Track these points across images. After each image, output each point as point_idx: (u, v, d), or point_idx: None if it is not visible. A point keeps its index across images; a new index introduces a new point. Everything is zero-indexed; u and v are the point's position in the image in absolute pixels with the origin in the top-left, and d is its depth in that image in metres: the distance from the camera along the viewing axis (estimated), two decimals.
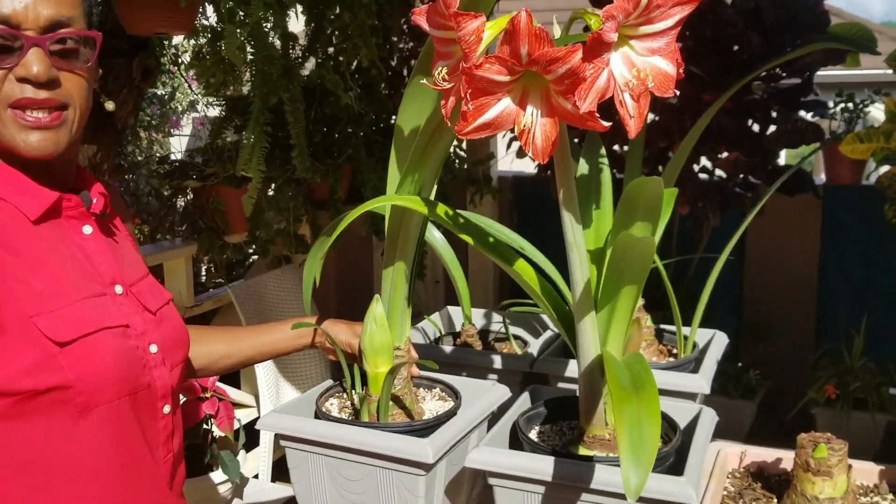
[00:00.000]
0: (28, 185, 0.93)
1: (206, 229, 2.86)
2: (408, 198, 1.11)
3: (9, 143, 0.91)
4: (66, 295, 0.91)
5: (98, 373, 0.90)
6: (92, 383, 0.90)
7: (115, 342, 0.94)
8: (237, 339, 1.30)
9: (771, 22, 3.20)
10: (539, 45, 0.78)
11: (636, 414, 0.85)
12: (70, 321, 0.90)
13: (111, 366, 0.92)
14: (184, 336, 1.07)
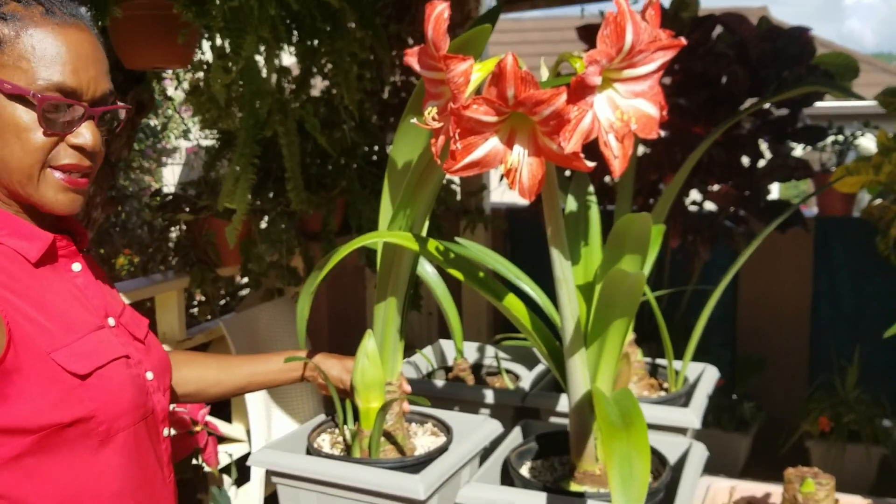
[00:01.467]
0: (24, 228, 0.95)
1: (199, 262, 2.86)
2: (400, 234, 1.12)
3: (40, 199, 0.94)
4: (75, 330, 0.94)
5: (116, 402, 0.94)
6: (111, 412, 0.94)
7: (125, 372, 0.97)
8: (229, 368, 1.31)
9: (756, 55, 3.24)
10: (525, 88, 0.80)
11: (626, 450, 0.86)
12: (84, 355, 0.93)
13: (126, 394, 0.96)
14: (168, 360, 1.11)
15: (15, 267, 0.93)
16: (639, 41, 0.82)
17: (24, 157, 0.92)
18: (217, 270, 2.85)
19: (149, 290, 2.69)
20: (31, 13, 0.92)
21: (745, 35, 3.32)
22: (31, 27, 0.91)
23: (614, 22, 0.80)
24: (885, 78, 7.94)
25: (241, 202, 2.33)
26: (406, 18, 3.14)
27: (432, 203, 1.19)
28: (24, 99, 0.91)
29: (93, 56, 0.95)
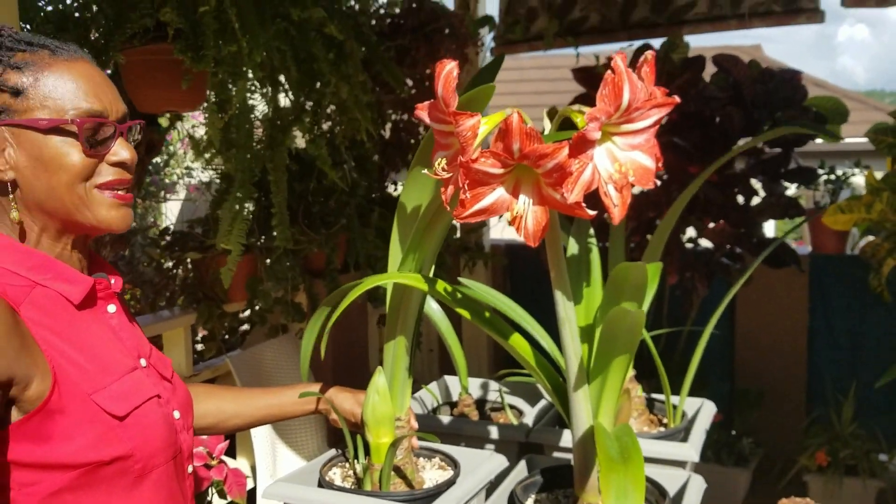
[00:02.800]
0: (66, 271, 1.00)
1: (206, 299, 2.91)
2: (410, 276, 1.17)
3: (95, 220, 1.00)
4: (112, 372, 0.99)
5: (151, 441, 0.99)
6: (147, 451, 0.98)
7: (158, 411, 1.02)
8: (245, 400, 1.35)
9: (750, 96, 3.33)
10: (529, 143, 0.86)
11: (622, 483, 0.90)
12: (122, 396, 0.98)
13: (160, 434, 1.01)
14: (190, 398, 1.16)
15: (58, 309, 0.98)
16: (635, 99, 0.89)
17: (71, 183, 0.98)
18: (223, 307, 2.90)
19: (156, 326, 2.74)
20: (39, 57, 0.99)
21: (739, 76, 3.42)
22: (45, 69, 0.98)
23: (612, 83, 0.86)
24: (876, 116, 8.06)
25: (236, 243, 2.39)
26: (406, 61, 3.22)
27: (440, 247, 1.25)
28: (60, 129, 0.97)
29: (105, 82, 1.02)
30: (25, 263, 0.98)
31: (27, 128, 0.96)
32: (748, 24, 3.55)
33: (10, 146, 0.96)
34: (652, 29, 3.67)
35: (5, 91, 0.96)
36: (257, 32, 2.06)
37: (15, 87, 0.96)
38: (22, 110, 0.96)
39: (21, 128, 0.96)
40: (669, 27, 3.60)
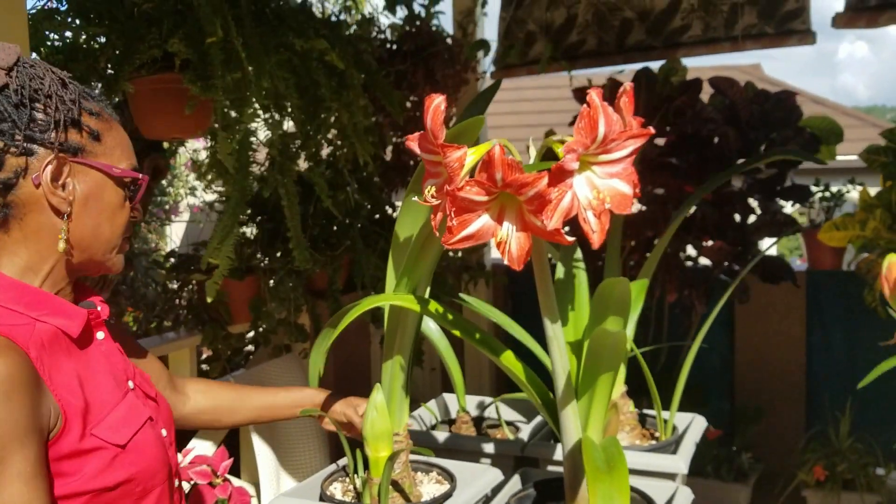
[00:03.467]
0: (62, 306, 1.03)
1: (211, 320, 2.97)
2: (404, 297, 1.23)
3: (111, 265, 1.08)
4: (109, 401, 1.03)
5: (151, 463, 1.04)
6: (148, 473, 1.03)
7: (152, 433, 1.07)
8: (243, 397, 1.41)
9: (745, 117, 3.40)
10: (511, 172, 0.92)
11: (608, 490, 0.96)
12: (121, 425, 1.02)
13: (156, 455, 1.05)
14: (172, 414, 1.21)
15: (57, 345, 1.00)
16: (611, 131, 0.94)
17: (115, 232, 1.06)
18: (228, 328, 2.96)
19: (162, 348, 2.80)
20: (100, 107, 1.06)
21: (735, 98, 3.49)
22: (111, 121, 1.06)
23: (588, 116, 0.92)
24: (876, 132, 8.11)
25: (224, 258, 2.45)
26: (404, 85, 3.30)
27: (433, 269, 1.30)
28: (121, 181, 1.05)
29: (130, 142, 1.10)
30: (22, 301, 0.99)
31: (98, 169, 1.03)
32: (741, 47, 3.62)
33: (76, 181, 1.02)
34: (647, 52, 3.74)
35: (85, 132, 1.02)
36: (263, 61, 2.13)
37: (94, 131, 1.03)
38: (96, 153, 1.03)
39: (93, 168, 1.03)
40: (665, 50, 3.66)
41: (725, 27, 3.63)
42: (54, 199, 1.00)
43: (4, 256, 1.02)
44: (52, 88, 1.00)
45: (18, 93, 0.98)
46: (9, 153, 0.97)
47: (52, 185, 0.99)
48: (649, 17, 3.66)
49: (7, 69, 0.98)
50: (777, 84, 10.18)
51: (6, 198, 0.99)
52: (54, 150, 0.99)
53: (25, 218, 1.01)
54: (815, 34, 3.49)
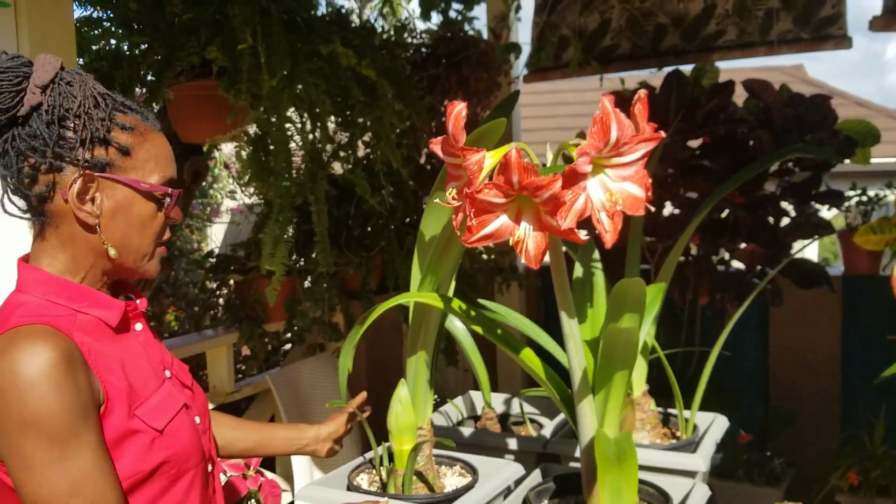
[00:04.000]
0: (101, 298, 1.11)
1: (247, 318, 3.05)
2: (427, 294, 1.28)
3: (146, 271, 1.13)
4: (148, 387, 1.10)
5: (185, 448, 1.11)
6: (182, 456, 1.10)
7: (187, 419, 1.13)
8: (243, 430, 1.47)
9: (780, 120, 3.39)
10: (527, 175, 0.96)
11: (617, 482, 0.99)
12: (159, 409, 1.09)
13: (190, 439, 1.12)
14: (207, 403, 1.27)
15: (98, 333, 1.08)
16: (623, 135, 0.98)
17: (144, 242, 1.11)
18: (264, 326, 3.04)
19: (200, 345, 2.88)
20: (138, 122, 1.11)
21: (769, 100, 3.48)
22: (146, 134, 1.10)
23: (601, 121, 0.97)
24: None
25: (279, 265, 2.52)
26: (437, 89, 3.35)
27: (456, 268, 1.35)
28: (151, 194, 1.09)
29: (171, 150, 1.15)
30: (63, 294, 1.07)
31: (125, 185, 1.08)
32: (776, 51, 3.61)
33: (103, 195, 1.07)
34: (682, 56, 3.75)
35: (114, 147, 1.07)
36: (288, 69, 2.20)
37: (123, 147, 1.07)
38: (124, 168, 1.08)
39: (120, 184, 1.08)
40: (699, 54, 3.67)
41: (761, 32, 3.62)
42: (81, 213, 1.07)
43: (45, 259, 1.10)
44: (82, 108, 1.05)
45: (50, 112, 1.04)
46: (40, 170, 1.05)
47: (79, 200, 1.06)
48: (683, 23, 3.67)
49: (42, 87, 1.04)
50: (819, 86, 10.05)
51: (42, 207, 1.07)
52: (80, 167, 1.05)
53: (60, 227, 1.08)
54: (851, 39, 3.47)
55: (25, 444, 0.97)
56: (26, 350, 0.97)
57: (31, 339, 0.98)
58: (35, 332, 0.99)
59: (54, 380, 0.97)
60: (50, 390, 0.96)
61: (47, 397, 0.96)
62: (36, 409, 0.96)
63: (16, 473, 0.98)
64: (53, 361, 0.97)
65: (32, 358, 0.96)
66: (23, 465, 0.97)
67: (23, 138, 1.04)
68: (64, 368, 0.97)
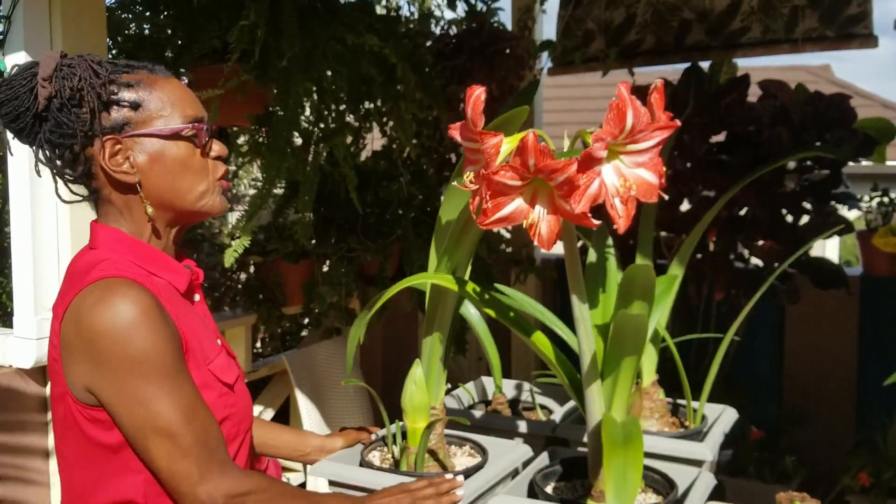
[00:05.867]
0: (170, 263, 1.18)
1: (266, 301, 3.10)
2: (442, 276, 1.31)
3: (213, 207, 1.18)
4: (213, 349, 1.17)
5: (244, 408, 1.18)
6: (241, 416, 1.17)
7: (243, 385, 1.21)
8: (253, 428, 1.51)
9: (798, 118, 3.38)
10: (543, 159, 0.99)
11: (622, 464, 1.02)
12: (225, 368, 1.16)
13: (248, 403, 1.20)
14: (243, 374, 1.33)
15: (171, 294, 1.15)
16: (638, 122, 1.00)
17: (193, 182, 1.15)
18: (282, 309, 3.08)
19: (219, 325, 2.92)
20: (144, 75, 1.16)
21: (785, 100, 3.47)
22: (154, 84, 1.15)
23: (617, 108, 0.99)
24: None
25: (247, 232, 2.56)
26: (466, 81, 3.37)
27: (472, 252, 1.38)
28: (178, 136, 1.14)
29: (192, 93, 1.19)
30: (138, 256, 1.14)
31: (148, 135, 1.13)
32: (801, 49, 3.59)
33: (133, 153, 1.13)
34: (706, 52, 3.74)
35: (125, 106, 1.12)
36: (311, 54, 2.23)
37: (133, 102, 1.13)
38: (142, 121, 1.13)
39: (143, 136, 1.13)
40: (723, 50, 3.66)
41: (785, 30, 3.61)
42: (120, 175, 1.13)
43: (112, 223, 1.17)
44: (83, 81, 1.10)
45: (59, 96, 1.09)
46: (72, 151, 1.12)
47: (112, 165, 1.12)
48: (708, 19, 3.66)
49: (48, 78, 1.09)
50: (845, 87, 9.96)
51: (91, 184, 1.15)
52: (100, 135, 1.11)
53: (111, 196, 1.15)
54: (877, 38, 3.45)
55: (136, 381, 1.04)
56: (124, 295, 1.04)
57: (125, 287, 1.05)
58: (125, 282, 1.06)
59: (153, 321, 1.04)
60: (151, 331, 1.04)
61: (150, 337, 1.03)
62: (143, 349, 1.03)
63: (127, 411, 1.05)
64: (148, 306, 1.04)
65: (130, 303, 1.04)
66: (135, 401, 1.04)
67: (51, 131, 1.11)
68: (157, 312, 1.05)
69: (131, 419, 1.05)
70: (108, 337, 1.03)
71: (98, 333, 1.03)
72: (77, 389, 1.07)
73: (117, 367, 1.03)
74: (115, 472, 1.09)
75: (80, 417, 1.09)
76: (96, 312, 1.03)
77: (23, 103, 1.09)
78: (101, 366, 1.04)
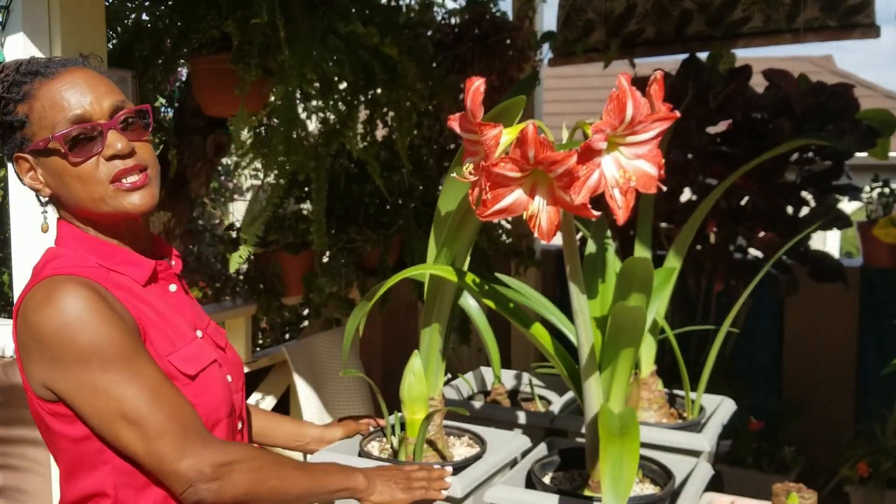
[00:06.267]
0: (131, 256, 1.17)
1: (266, 291, 3.10)
2: (441, 267, 1.31)
3: (117, 210, 1.13)
4: (181, 339, 1.16)
5: (213, 398, 1.16)
6: (210, 406, 1.15)
7: (218, 374, 1.20)
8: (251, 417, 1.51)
9: (800, 108, 3.37)
10: (543, 150, 0.98)
11: (618, 454, 1.02)
12: (191, 359, 1.15)
13: (220, 392, 1.18)
14: (241, 364, 1.32)
15: (132, 288, 1.15)
16: (638, 114, 1.00)
17: (86, 188, 1.11)
18: (282, 300, 3.08)
19: (219, 315, 2.93)
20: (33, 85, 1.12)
21: (789, 90, 3.46)
22: (37, 94, 1.11)
23: (616, 99, 0.98)
24: None
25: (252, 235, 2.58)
26: (467, 71, 3.36)
27: (471, 243, 1.38)
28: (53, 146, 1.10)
29: (87, 84, 1.12)
30: (96, 252, 1.14)
31: (38, 151, 1.12)
32: (803, 39, 3.58)
33: (35, 168, 1.14)
34: (707, 42, 3.73)
35: (16, 124, 1.11)
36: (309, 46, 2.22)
37: (21, 119, 1.11)
38: (34, 134, 1.11)
39: (37, 151, 1.12)
40: (724, 41, 3.65)
41: (787, 20, 3.59)
42: (36, 190, 1.16)
43: None
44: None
45: None
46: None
47: (29, 181, 1.15)
48: (709, 8, 3.64)
49: None
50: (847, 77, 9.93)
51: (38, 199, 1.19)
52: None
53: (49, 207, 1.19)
54: (879, 28, 3.44)
55: (91, 372, 1.03)
56: (68, 292, 1.04)
57: (69, 283, 1.05)
58: (69, 278, 1.06)
59: (98, 313, 1.04)
60: (97, 322, 1.03)
61: (97, 328, 1.03)
62: (91, 340, 1.03)
63: (89, 403, 1.04)
64: (93, 300, 1.04)
65: (74, 298, 1.03)
66: (94, 392, 1.04)
67: None
68: (103, 305, 1.05)
69: (95, 410, 1.04)
70: (56, 334, 1.02)
71: (45, 332, 1.03)
72: (36, 386, 1.08)
73: (69, 362, 1.03)
74: (84, 465, 1.09)
75: (44, 412, 1.09)
76: (42, 311, 1.03)
77: None
78: (53, 362, 1.04)
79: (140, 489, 1.09)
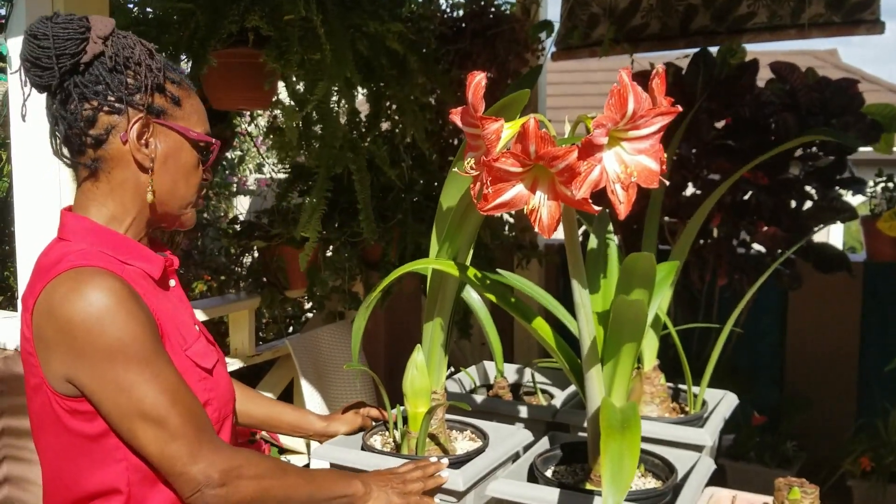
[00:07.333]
0: (144, 252, 1.18)
1: (269, 285, 3.11)
2: (443, 262, 1.31)
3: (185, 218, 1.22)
4: (189, 334, 1.17)
5: (224, 392, 1.19)
6: (222, 400, 1.19)
7: (222, 368, 1.22)
8: (252, 402, 1.52)
9: (805, 103, 3.37)
10: (544, 145, 0.99)
11: (619, 448, 1.02)
12: (203, 353, 1.18)
13: (228, 388, 1.22)
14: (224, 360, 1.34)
15: (146, 282, 1.16)
16: (640, 108, 1.00)
17: (189, 190, 1.19)
18: (285, 293, 3.09)
19: (223, 308, 2.94)
20: (181, 77, 1.19)
21: (796, 83, 3.45)
22: (190, 90, 1.19)
23: (618, 93, 0.98)
24: None
25: (313, 231, 2.58)
26: (467, 65, 3.36)
27: (473, 237, 1.38)
28: (197, 143, 1.17)
29: None
30: (110, 245, 1.14)
31: (177, 132, 1.16)
32: (808, 35, 3.57)
33: (156, 140, 1.15)
34: (712, 37, 3.72)
35: (167, 97, 1.15)
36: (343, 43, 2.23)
37: (176, 97, 1.16)
38: (176, 117, 1.16)
39: (173, 130, 1.15)
40: (729, 36, 3.64)
41: (791, 15, 3.58)
42: (139, 154, 1.14)
43: (93, 206, 1.16)
44: (141, 57, 1.13)
45: (113, 59, 1.11)
46: (102, 111, 1.11)
47: (138, 142, 1.13)
48: (714, 3, 3.64)
49: (104, 38, 1.11)
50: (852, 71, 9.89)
51: (97, 152, 1.13)
52: (141, 111, 1.13)
53: (113, 171, 1.14)
54: (884, 24, 3.43)
55: (116, 369, 1.04)
56: (96, 284, 1.04)
57: (96, 276, 1.05)
58: (96, 270, 1.06)
59: (127, 308, 1.04)
60: (125, 317, 1.04)
61: (125, 323, 1.04)
62: (119, 336, 1.03)
63: (111, 399, 1.05)
64: (121, 293, 1.04)
65: (102, 291, 1.03)
66: (118, 388, 1.04)
67: (85, 84, 1.11)
68: (131, 299, 1.05)
69: (115, 407, 1.05)
70: (84, 327, 1.02)
71: (73, 324, 1.02)
72: (56, 381, 1.07)
73: (95, 357, 1.03)
74: (97, 462, 1.09)
75: (60, 409, 1.09)
76: (68, 303, 1.03)
77: (70, 47, 1.09)
78: (79, 356, 1.04)
79: (152, 486, 1.10)
